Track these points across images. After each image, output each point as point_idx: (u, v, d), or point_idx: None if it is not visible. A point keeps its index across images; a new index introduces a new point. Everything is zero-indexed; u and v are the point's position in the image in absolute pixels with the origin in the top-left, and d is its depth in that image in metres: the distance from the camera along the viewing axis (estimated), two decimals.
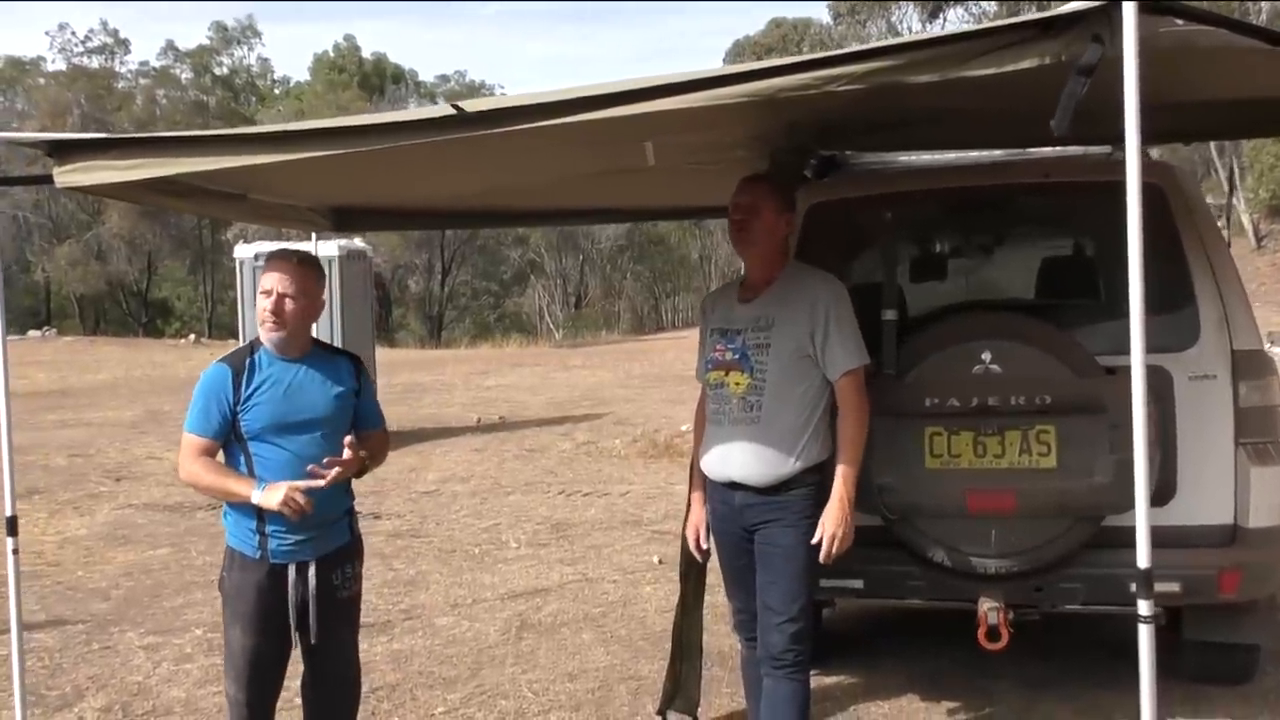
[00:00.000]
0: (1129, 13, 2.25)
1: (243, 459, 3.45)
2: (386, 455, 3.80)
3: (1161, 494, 3.92)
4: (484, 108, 2.81)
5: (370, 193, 5.15)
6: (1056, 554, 3.98)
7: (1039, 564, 3.99)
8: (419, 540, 8.35)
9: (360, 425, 3.64)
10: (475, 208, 6.08)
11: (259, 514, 3.41)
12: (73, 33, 55.16)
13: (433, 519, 9.15)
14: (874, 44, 2.49)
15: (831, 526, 3.57)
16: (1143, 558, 2.51)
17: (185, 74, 56.05)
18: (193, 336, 38.26)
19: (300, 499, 3.32)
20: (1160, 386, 3.95)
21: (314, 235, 6.23)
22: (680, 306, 58.42)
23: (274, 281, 3.46)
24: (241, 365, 3.45)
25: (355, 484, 3.65)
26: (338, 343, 12.79)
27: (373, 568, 7.41)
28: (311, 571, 3.50)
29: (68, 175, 3.31)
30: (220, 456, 3.49)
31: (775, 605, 3.68)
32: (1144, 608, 2.50)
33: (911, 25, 50.24)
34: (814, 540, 3.59)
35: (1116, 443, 3.81)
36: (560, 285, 54.30)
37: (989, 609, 4.00)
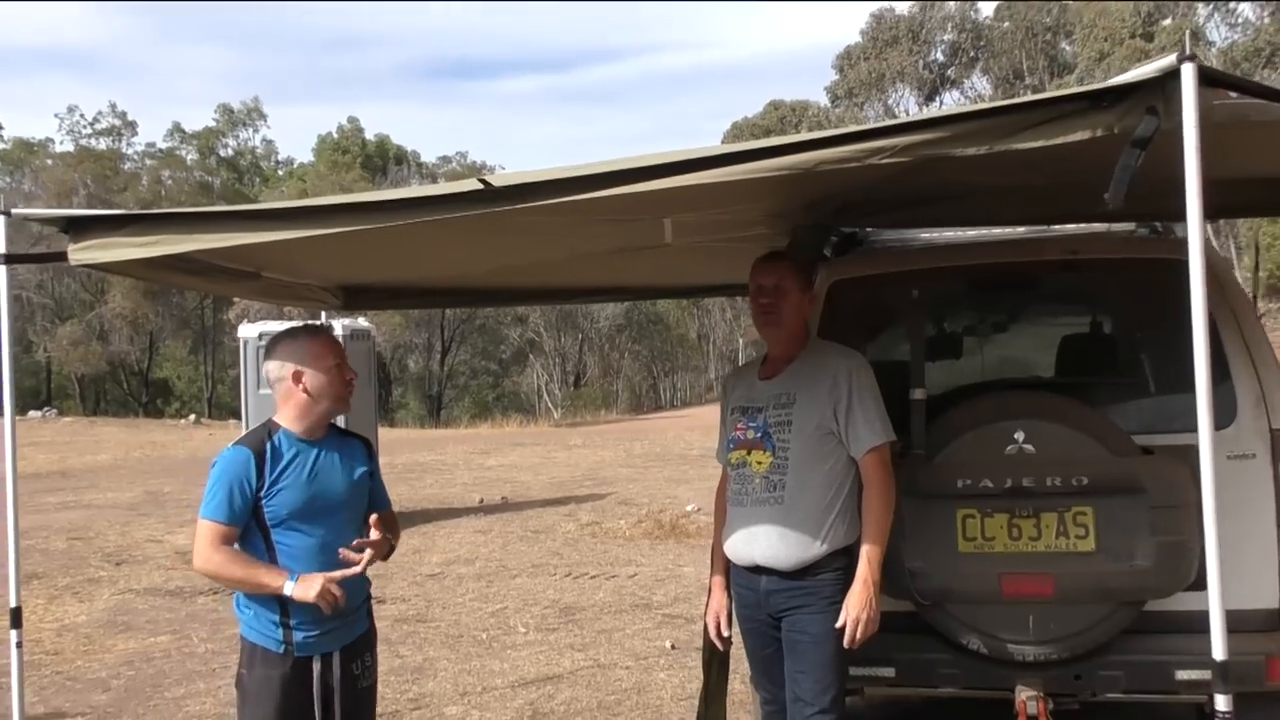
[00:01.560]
0: (1189, 84, 2.19)
1: (263, 547, 3.31)
2: (399, 536, 3.69)
3: (1202, 578, 3.79)
4: (511, 182, 2.75)
5: (385, 271, 5.09)
6: (1096, 640, 3.83)
7: (1079, 651, 3.84)
8: (425, 625, 8.16)
9: (374, 507, 3.55)
10: (485, 286, 6.02)
11: (283, 606, 3.28)
12: (81, 114, 55.79)
13: (438, 603, 8.95)
14: (921, 116, 2.43)
15: (855, 610, 3.45)
16: (1218, 648, 2.38)
17: (191, 155, 56.78)
18: (193, 417, 38.15)
19: (336, 590, 3.24)
20: (1197, 466, 3.84)
21: (324, 314, 6.16)
22: (679, 385, 58.38)
23: (340, 356, 3.45)
24: (262, 448, 3.33)
25: None
26: (342, 422, 12.75)
27: (379, 654, 7.24)
28: (336, 661, 3.39)
29: (83, 253, 3.23)
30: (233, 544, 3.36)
31: (806, 696, 3.54)
32: (1221, 703, 2.36)
33: (909, 108, 50.98)
34: (838, 625, 3.46)
35: (1158, 524, 3.71)
36: (559, 364, 54.25)
37: (1028, 698, 3.84)
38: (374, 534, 3.41)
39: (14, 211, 3.39)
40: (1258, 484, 3.92)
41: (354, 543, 3.34)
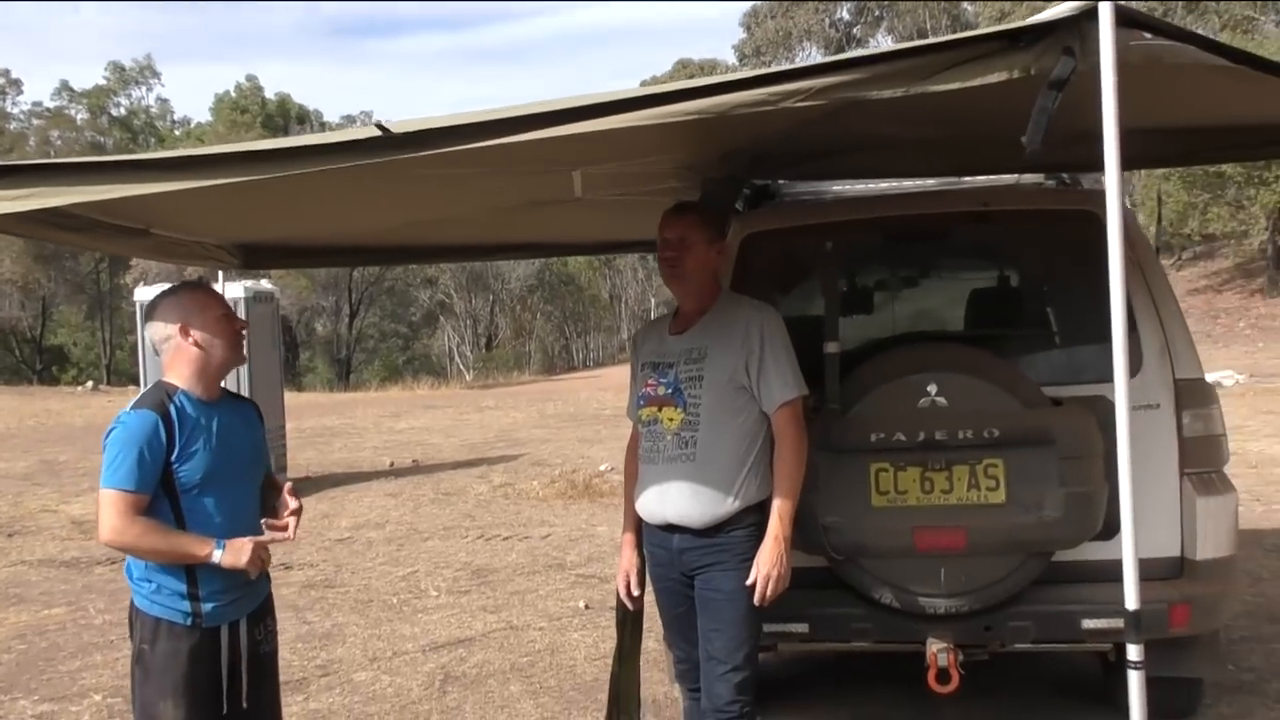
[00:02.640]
0: (1105, 23, 2.14)
1: (171, 515, 3.13)
2: None
3: (1108, 528, 3.84)
4: (412, 128, 2.61)
5: (283, 228, 4.90)
6: (1007, 592, 3.86)
7: (989, 603, 3.87)
8: (334, 591, 7.99)
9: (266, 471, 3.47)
10: (393, 243, 5.85)
11: (190, 576, 3.14)
12: None
13: (348, 568, 8.78)
14: (835, 57, 2.35)
15: (766, 567, 3.41)
16: (1131, 598, 2.37)
17: (81, 114, 54.66)
18: (90, 384, 36.99)
19: (265, 555, 3.17)
20: (1104, 417, 3.87)
21: (219, 274, 5.93)
22: (591, 346, 58.27)
23: (226, 306, 3.33)
24: (166, 410, 3.13)
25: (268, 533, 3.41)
26: (245, 387, 12.40)
27: (285, 621, 7.07)
28: (243, 629, 3.27)
29: None
30: None
31: (719, 654, 3.50)
32: (1133, 652, 2.35)
33: None
34: (748, 582, 3.42)
35: (1066, 475, 3.73)
36: (470, 326, 53.78)
37: (938, 650, 3.85)
38: (291, 501, 3.30)
39: None
40: (1161, 434, 3.97)
41: (283, 511, 3.29)
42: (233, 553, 3.10)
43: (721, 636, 3.50)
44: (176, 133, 59.98)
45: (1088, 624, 3.85)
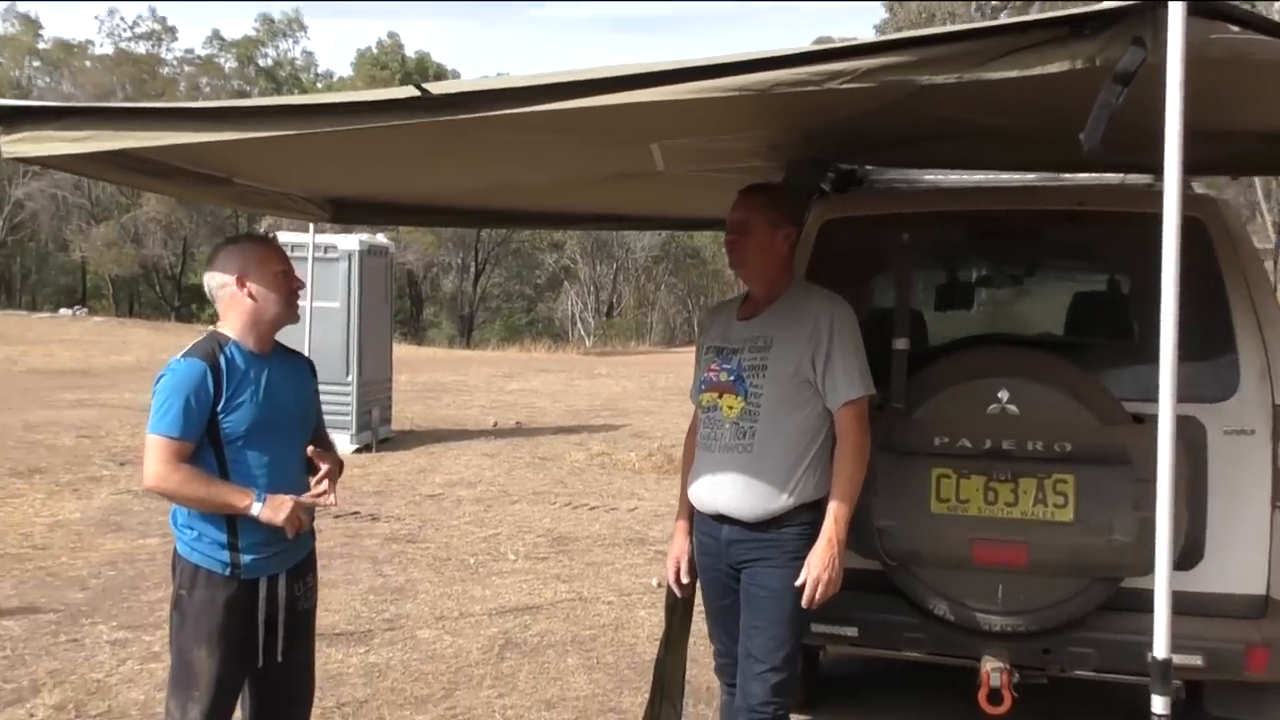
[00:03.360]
0: (1175, 12, 1.94)
1: (215, 465, 3.15)
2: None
3: (1188, 557, 3.60)
4: (450, 90, 2.54)
5: (362, 183, 4.91)
6: (1069, 615, 3.65)
7: (1049, 625, 3.67)
8: (415, 546, 8.09)
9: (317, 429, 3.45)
10: (480, 206, 5.83)
11: (231, 526, 3.15)
12: (121, 18, 55.79)
13: (432, 524, 8.88)
14: (881, 37, 2.19)
15: (817, 569, 3.28)
16: (1160, 645, 2.18)
17: (229, 63, 56.39)
18: None
19: (304, 515, 3.17)
20: (1192, 439, 3.62)
21: (311, 227, 5.99)
22: None
23: (286, 264, 3.30)
24: (216, 360, 3.15)
25: (359, 483, 3.40)
26: (354, 339, 12.65)
27: (362, 572, 7.21)
28: (281, 583, 3.27)
29: (16, 145, 3.05)
30: None
31: (758, 653, 3.39)
32: (1159, 705, 2.16)
33: None
34: (798, 583, 3.30)
35: (1141, 499, 3.49)
36: (593, 293, 54.05)
37: (992, 669, 3.68)
38: (321, 465, 3.27)
39: None
40: (1255, 462, 3.69)
41: (316, 476, 3.24)
42: (272, 508, 3.10)
43: (762, 635, 3.39)
44: (319, 86, 61.48)
45: None
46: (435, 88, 2.55)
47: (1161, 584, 2.15)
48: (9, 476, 10.09)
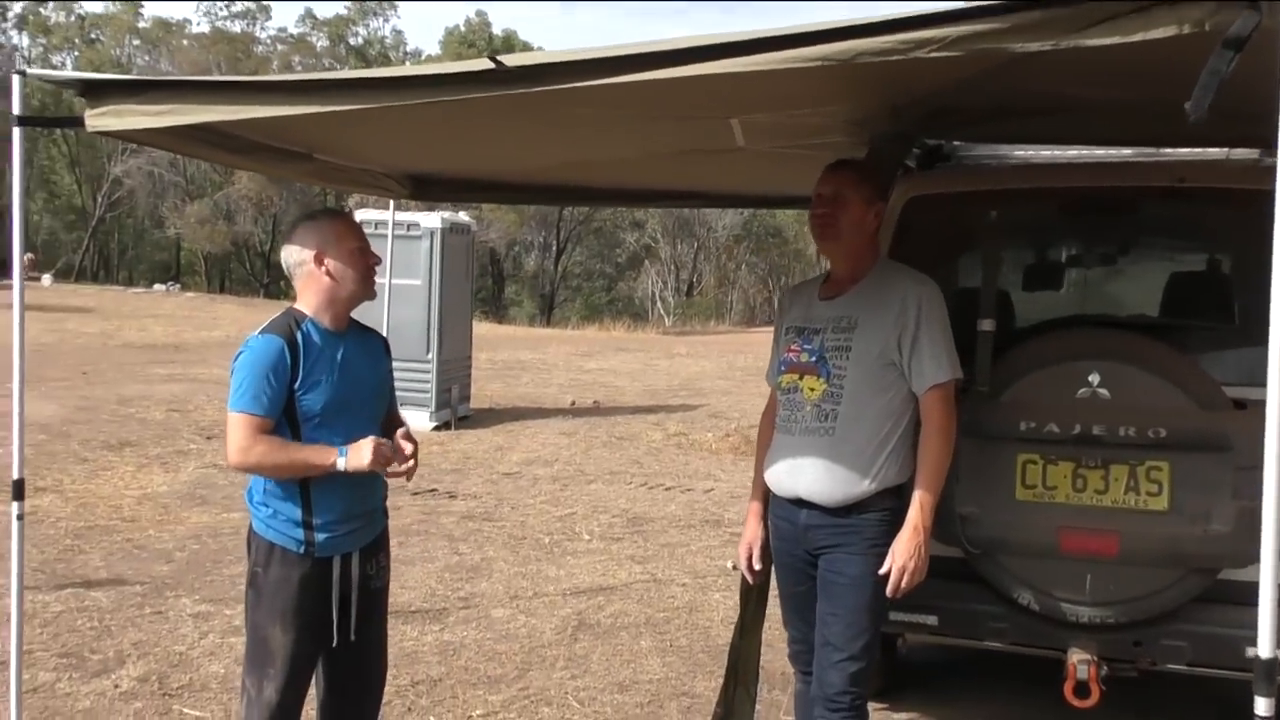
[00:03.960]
0: None
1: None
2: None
3: None
4: (525, 62, 2.49)
5: (440, 160, 4.89)
6: (1161, 607, 3.51)
7: (1140, 617, 3.53)
8: (491, 524, 8.12)
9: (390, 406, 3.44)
10: (559, 183, 5.78)
11: (306, 503, 3.15)
12: None
13: (509, 502, 8.91)
14: (973, 3, 2.08)
15: (902, 558, 3.19)
16: (1265, 643, 2.06)
17: (321, 42, 57.19)
18: None
19: (388, 450, 3.13)
20: None
21: (391, 203, 5.99)
22: None
23: (363, 240, 3.27)
24: (293, 337, 3.13)
25: (437, 460, 3.38)
26: (434, 317, 12.72)
27: (438, 550, 7.25)
28: (355, 562, 3.26)
29: (99, 119, 3.07)
30: None
31: (836, 640, 3.30)
32: (1262, 706, 2.04)
33: None
34: (882, 571, 3.21)
35: (1241, 487, 3.33)
36: (674, 272, 53.92)
37: (1079, 661, 3.55)
38: (406, 446, 3.23)
39: (29, 72, 3.25)
40: None
41: (401, 458, 3.20)
42: (355, 455, 3.07)
43: (840, 622, 3.30)
44: (407, 63, 62.10)
45: (1252, 652, 3.46)
46: (511, 59, 2.49)
47: (1268, 577, 2.02)
48: (101, 449, 10.34)
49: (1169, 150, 4.29)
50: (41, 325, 20.47)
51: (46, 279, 34.84)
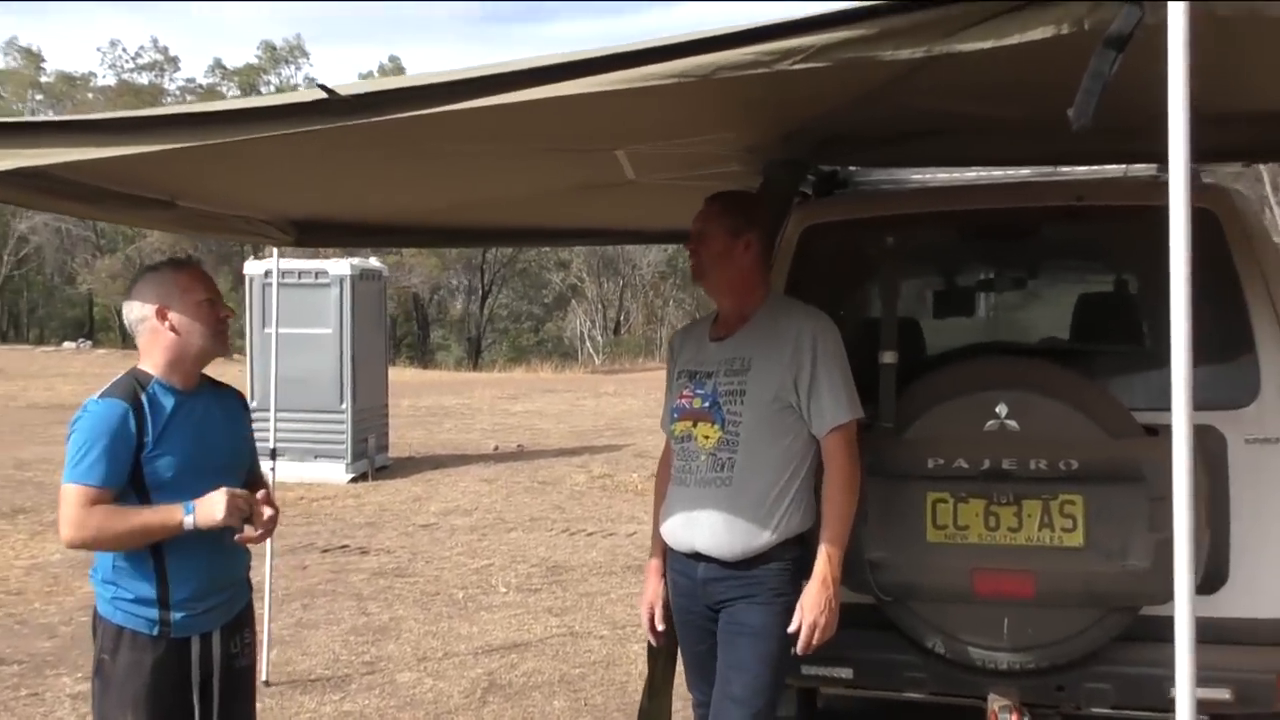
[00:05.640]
0: None
1: None
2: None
3: (1211, 581, 3.28)
4: (360, 91, 2.25)
5: (321, 202, 4.62)
6: (1083, 649, 3.32)
7: (1061, 660, 3.34)
8: (403, 581, 7.78)
9: (251, 466, 3.19)
10: (450, 224, 5.54)
11: (161, 580, 2.87)
12: (124, 49, 55.68)
13: (423, 556, 8.58)
14: (832, 9, 1.89)
15: (812, 613, 2.99)
16: (1184, 680, 1.87)
17: (232, 92, 56.31)
18: (235, 355, 38.10)
19: (241, 503, 2.85)
20: (1211, 451, 3.31)
21: (275, 251, 5.71)
22: None
23: (213, 291, 3.01)
24: (138, 401, 2.87)
25: (351, 515, 3.10)
26: (348, 365, 12.35)
27: (345, 611, 6.90)
28: (216, 641, 2.99)
29: None
30: None
31: (738, 694, 3.07)
32: None
33: None
34: (791, 629, 3.00)
35: (1158, 518, 3.16)
36: (601, 310, 53.72)
37: (999, 709, 3.36)
38: (265, 510, 2.97)
39: None
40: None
41: (258, 520, 2.94)
42: (205, 509, 2.80)
43: (744, 676, 3.08)
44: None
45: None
46: (344, 88, 2.25)
47: (1183, 612, 1.84)
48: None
49: (1067, 169, 4.17)
50: None
51: None
